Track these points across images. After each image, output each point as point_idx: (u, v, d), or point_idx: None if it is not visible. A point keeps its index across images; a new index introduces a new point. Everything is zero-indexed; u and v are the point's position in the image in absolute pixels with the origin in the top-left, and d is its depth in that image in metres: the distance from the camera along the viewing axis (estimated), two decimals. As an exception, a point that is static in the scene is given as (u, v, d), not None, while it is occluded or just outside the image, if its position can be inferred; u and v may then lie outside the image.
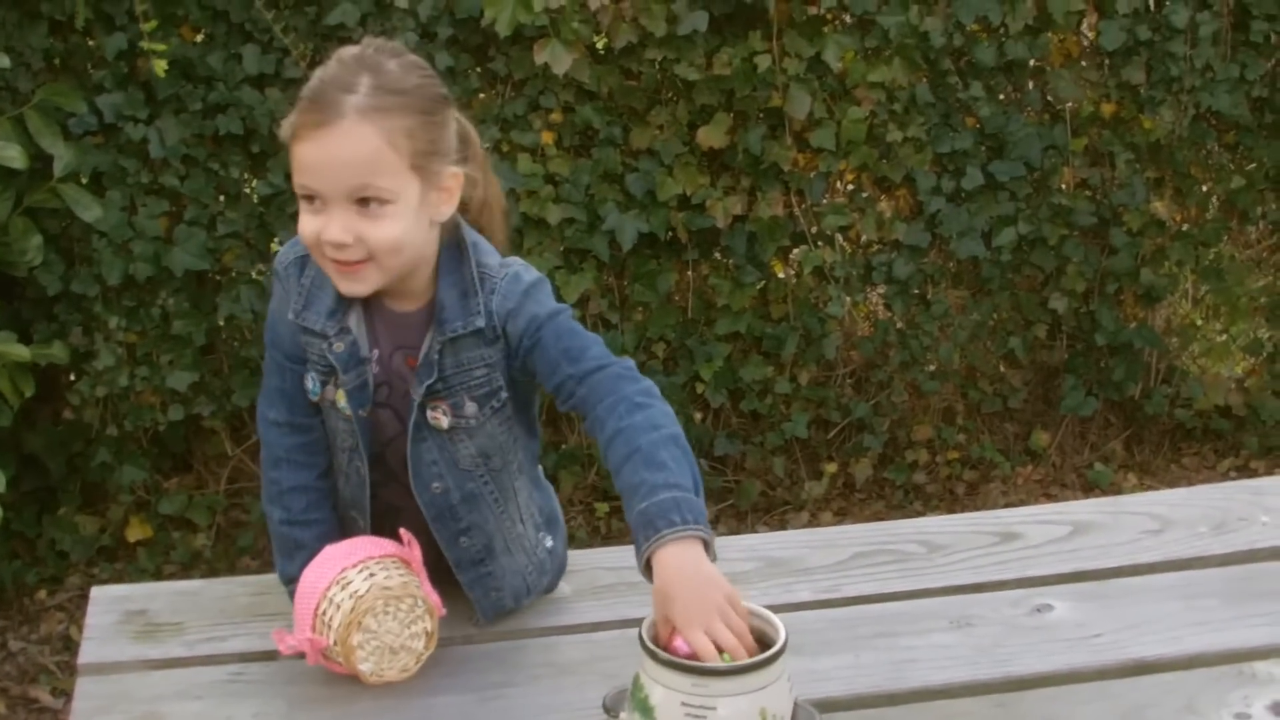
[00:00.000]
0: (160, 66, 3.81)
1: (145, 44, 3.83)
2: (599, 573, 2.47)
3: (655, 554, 1.92)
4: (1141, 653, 2.23)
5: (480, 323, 2.15)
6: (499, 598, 2.32)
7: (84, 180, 4.15)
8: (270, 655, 2.21)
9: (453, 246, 2.19)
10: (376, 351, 2.22)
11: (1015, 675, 2.18)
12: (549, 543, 2.39)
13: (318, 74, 2.10)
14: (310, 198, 2.07)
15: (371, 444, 2.25)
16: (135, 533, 4.45)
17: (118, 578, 4.41)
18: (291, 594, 2.22)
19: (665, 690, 1.84)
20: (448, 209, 2.15)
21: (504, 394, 2.21)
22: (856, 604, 2.38)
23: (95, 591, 2.40)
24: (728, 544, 2.72)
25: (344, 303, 2.19)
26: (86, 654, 2.24)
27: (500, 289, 2.16)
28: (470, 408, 2.20)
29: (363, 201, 2.05)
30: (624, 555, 2.56)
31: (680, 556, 1.91)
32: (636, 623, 2.09)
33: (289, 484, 2.31)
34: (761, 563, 2.49)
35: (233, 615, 2.32)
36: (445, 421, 2.20)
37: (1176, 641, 2.26)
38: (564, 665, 2.20)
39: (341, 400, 2.22)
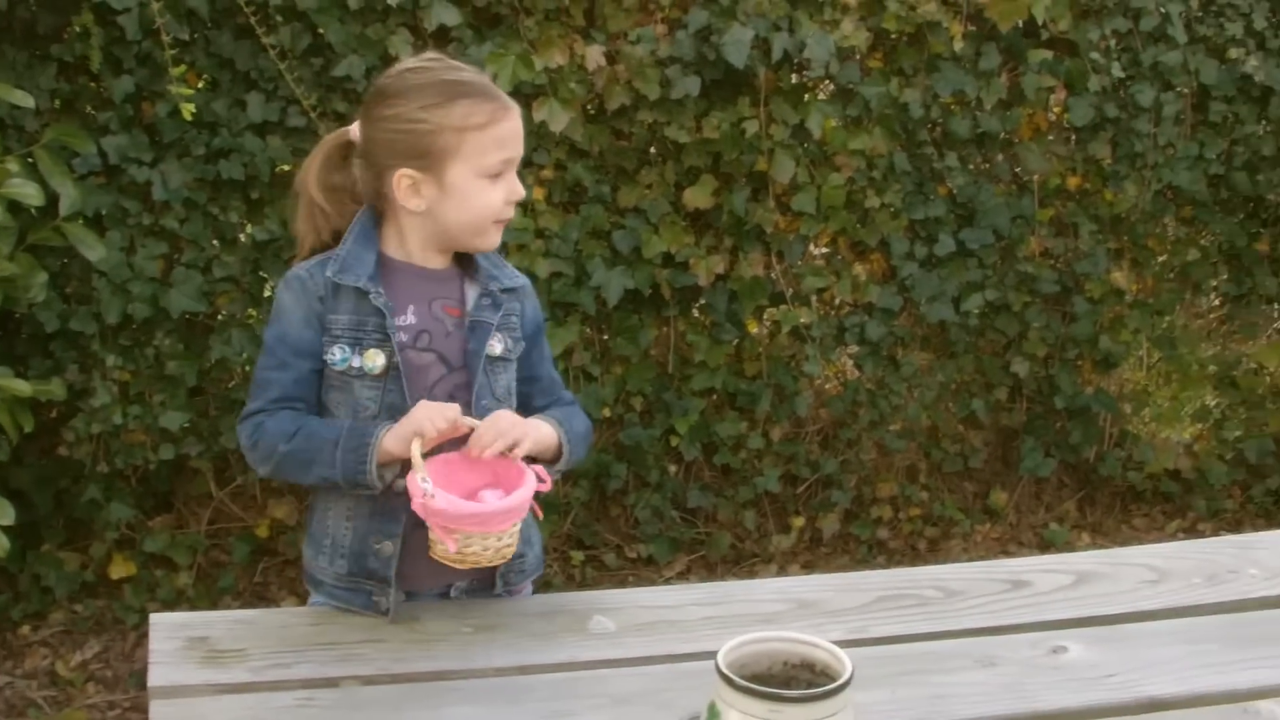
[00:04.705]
0: (188, 110, 3.90)
1: (173, 88, 3.92)
2: (638, 610, 2.57)
3: None
4: (1154, 692, 2.36)
5: (520, 282, 2.64)
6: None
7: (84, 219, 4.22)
8: (334, 683, 2.30)
9: None
10: (412, 306, 2.52)
11: (1042, 711, 2.30)
12: None
13: (456, 76, 2.50)
14: (500, 173, 2.48)
15: (414, 393, 2.47)
16: (119, 570, 4.50)
17: (101, 614, 4.48)
18: (340, 459, 2.43)
19: (741, 715, 1.95)
20: None
21: (523, 343, 2.62)
22: (886, 643, 2.49)
23: (154, 618, 2.47)
24: (757, 586, 2.86)
25: (377, 272, 2.50)
26: (156, 677, 2.30)
27: (510, 270, 2.66)
28: (509, 343, 2.58)
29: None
30: (658, 594, 2.74)
31: None
32: (684, 657, 2.23)
33: (271, 426, 2.49)
34: (792, 604, 2.61)
35: (294, 643, 2.40)
36: (499, 349, 2.56)
37: (1184, 682, 2.39)
38: (621, 696, 2.29)
39: (371, 360, 2.47)
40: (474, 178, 2.46)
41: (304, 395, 2.51)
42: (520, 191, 2.51)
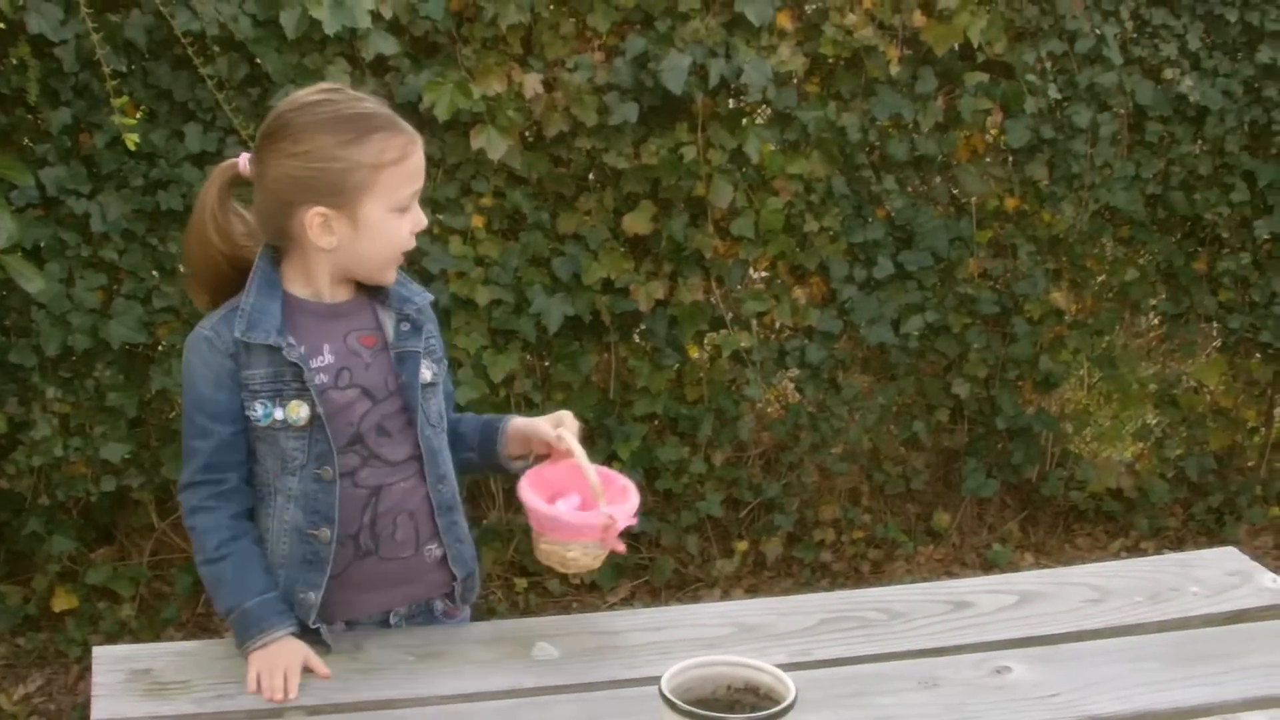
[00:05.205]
0: (131, 140, 3.88)
1: (116, 119, 3.90)
2: (581, 636, 2.58)
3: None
4: (1097, 710, 2.38)
5: (430, 297, 2.62)
6: (462, 550, 2.65)
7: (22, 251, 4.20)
8: (278, 714, 2.30)
9: None
10: (328, 345, 2.49)
11: (986, 731, 2.33)
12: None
13: (362, 109, 2.46)
14: (407, 207, 2.47)
15: (341, 432, 2.47)
16: (61, 603, 4.47)
17: (44, 647, 4.44)
18: (230, 623, 2.46)
19: (686, 739, 1.96)
20: None
21: (445, 362, 2.65)
22: (830, 666, 2.51)
23: (98, 651, 2.47)
24: (701, 610, 2.87)
25: (284, 322, 2.46)
26: (99, 710, 2.30)
27: (415, 285, 2.63)
28: (435, 367, 2.59)
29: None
30: (601, 620, 2.74)
31: None
32: (627, 683, 2.23)
33: (203, 527, 2.48)
34: (735, 628, 2.62)
35: (237, 675, 2.39)
36: (428, 375, 2.57)
37: (1127, 700, 2.41)
38: (564, 722, 2.31)
39: (295, 412, 2.45)
40: (386, 212, 2.45)
41: (230, 459, 2.49)
42: (423, 221, 2.50)
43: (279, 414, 2.44)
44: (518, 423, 2.68)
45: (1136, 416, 5.59)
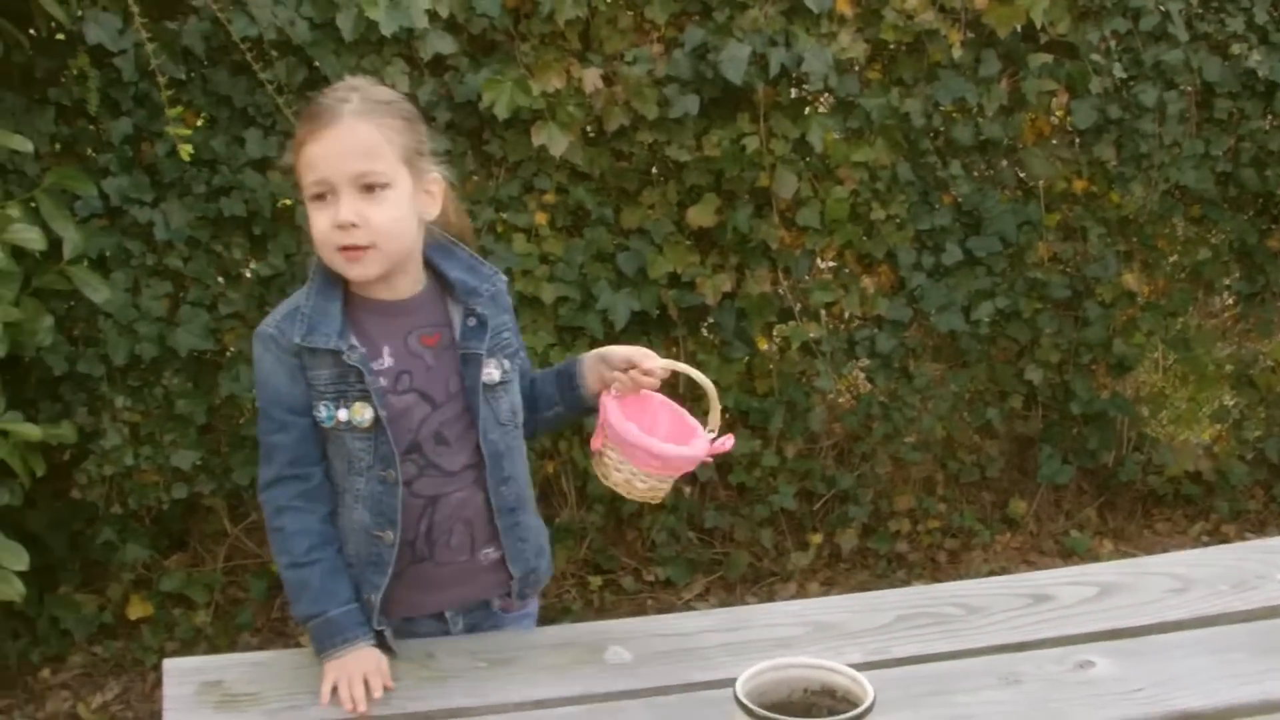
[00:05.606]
0: (185, 151, 3.87)
1: (170, 129, 3.90)
2: (654, 639, 2.55)
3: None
4: (1183, 705, 2.33)
5: (501, 283, 2.56)
6: (524, 549, 2.61)
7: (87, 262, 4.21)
8: (351, 723, 2.28)
9: (434, 244, 2.54)
10: (388, 347, 2.46)
11: (1069, 729, 2.28)
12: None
13: (319, 99, 2.44)
14: (321, 195, 2.39)
15: (399, 437, 2.45)
16: (136, 610, 4.48)
17: (121, 655, 4.45)
18: (310, 628, 2.43)
19: (762, 745, 1.92)
20: (433, 210, 2.51)
21: (522, 353, 2.60)
22: (906, 664, 2.47)
23: (168, 664, 2.46)
24: (774, 609, 2.82)
25: (345, 323, 2.44)
26: (170, 724, 2.29)
27: (486, 269, 2.57)
28: (506, 365, 2.53)
29: (367, 188, 2.38)
30: (674, 622, 2.69)
31: None
32: (702, 686, 2.19)
33: (291, 529, 2.47)
34: (810, 627, 2.58)
35: (309, 684, 2.38)
36: (496, 375, 2.51)
37: (1214, 694, 2.36)
38: (639, 727, 2.28)
39: (359, 414, 2.42)
40: (309, 202, 2.42)
41: (313, 452, 2.48)
42: (340, 217, 2.37)
43: (342, 415, 2.43)
44: (591, 357, 2.63)
45: (1213, 398, 5.51)
